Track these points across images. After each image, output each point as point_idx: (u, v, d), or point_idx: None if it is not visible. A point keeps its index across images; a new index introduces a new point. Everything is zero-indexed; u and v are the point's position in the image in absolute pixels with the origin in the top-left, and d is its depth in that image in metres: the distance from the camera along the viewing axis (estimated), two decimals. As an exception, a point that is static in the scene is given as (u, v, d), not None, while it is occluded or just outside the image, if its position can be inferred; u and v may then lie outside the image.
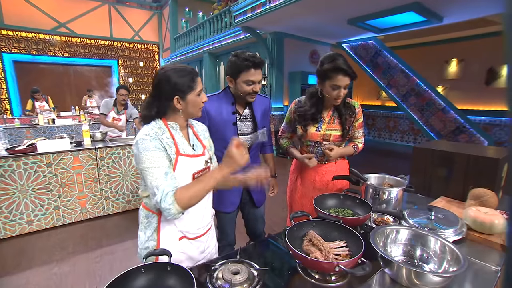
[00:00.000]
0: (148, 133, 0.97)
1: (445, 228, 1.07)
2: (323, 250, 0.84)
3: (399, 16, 4.52)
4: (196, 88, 1.02)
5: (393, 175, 1.48)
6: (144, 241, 1.06)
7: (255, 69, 1.36)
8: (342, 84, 1.39)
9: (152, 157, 0.93)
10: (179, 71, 1.00)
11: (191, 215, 1.08)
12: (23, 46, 9.09)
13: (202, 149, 1.13)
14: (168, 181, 0.93)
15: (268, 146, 1.79)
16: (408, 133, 7.45)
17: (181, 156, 1.01)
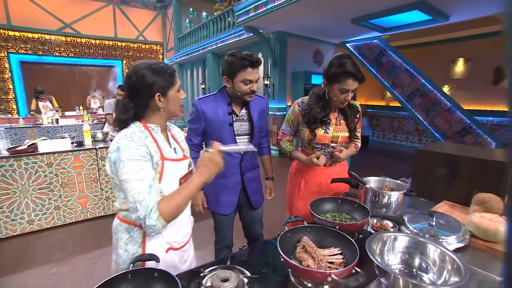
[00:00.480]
0: (132, 139, 0.89)
1: (447, 235, 1.03)
2: (316, 258, 0.81)
3: (403, 15, 4.44)
4: (176, 84, 0.97)
5: (396, 177, 1.44)
6: (128, 259, 0.97)
7: (252, 68, 1.35)
8: (351, 88, 1.37)
9: (136, 168, 0.86)
10: (157, 68, 0.93)
11: (178, 223, 1.04)
12: (30, 46, 9.20)
13: (182, 152, 1.08)
14: (152, 195, 0.86)
15: (265, 147, 1.76)
16: (413, 133, 7.34)
17: (166, 160, 0.95)
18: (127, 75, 0.94)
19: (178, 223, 1.04)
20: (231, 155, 1.50)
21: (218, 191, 1.56)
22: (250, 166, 1.58)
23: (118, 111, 0.97)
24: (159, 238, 0.99)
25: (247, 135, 1.53)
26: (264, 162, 1.77)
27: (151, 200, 0.85)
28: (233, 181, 1.54)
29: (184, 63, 11.08)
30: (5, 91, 9.10)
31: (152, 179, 0.89)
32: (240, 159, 1.52)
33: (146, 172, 0.87)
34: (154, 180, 0.90)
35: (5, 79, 9.04)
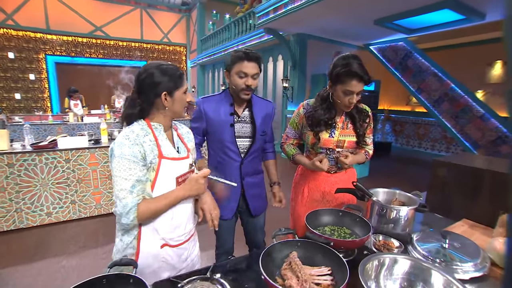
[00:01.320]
0: (128, 137, 0.93)
1: (462, 261, 0.90)
2: (300, 278, 0.73)
3: (432, 15, 4.16)
4: (184, 85, 1.01)
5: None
6: (122, 249, 1.00)
7: (248, 61, 1.32)
8: (356, 90, 1.26)
9: (124, 167, 0.90)
10: (167, 68, 0.98)
11: (174, 221, 1.03)
12: (64, 48, 9.83)
13: (187, 152, 1.09)
14: (133, 195, 0.90)
15: (270, 152, 1.68)
16: (440, 141, 6.87)
17: (164, 159, 0.97)
18: (138, 72, 0.99)
19: (176, 221, 1.04)
20: (231, 158, 1.45)
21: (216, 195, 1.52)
22: (251, 171, 1.51)
23: (126, 106, 1.02)
24: (154, 233, 1.00)
25: (248, 138, 1.47)
26: (268, 167, 1.67)
27: (131, 200, 0.90)
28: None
29: (206, 65, 11.28)
30: (41, 90, 9.77)
31: (136, 180, 0.92)
32: (240, 162, 1.45)
33: (132, 172, 0.91)
34: (140, 181, 0.93)
35: (42, 79, 9.72)
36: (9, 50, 9.13)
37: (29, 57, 9.42)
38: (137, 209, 0.90)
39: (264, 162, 1.68)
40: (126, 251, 1.01)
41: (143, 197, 0.94)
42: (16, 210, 2.82)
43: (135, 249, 1.00)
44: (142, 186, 0.94)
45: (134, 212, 0.90)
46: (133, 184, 0.91)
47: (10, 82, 9.32)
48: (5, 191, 2.75)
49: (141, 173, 0.93)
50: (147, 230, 1.00)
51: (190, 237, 1.14)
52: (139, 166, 0.93)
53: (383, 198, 1.28)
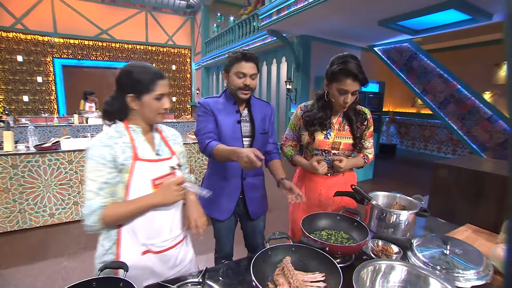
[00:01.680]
0: (100, 139, 0.93)
1: (464, 268, 0.86)
2: (292, 284, 0.70)
3: (437, 15, 4.10)
4: (155, 91, 0.95)
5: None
6: (102, 255, 0.98)
7: (246, 61, 1.32)
8: (350, 89, 1.24)
9: (92, 168, 0.90)
10: (141, 69, 0.95)
11: (156, 226, 0.99)
12: (71, 51, 9.99)
13: (170, 154, 1.06)
14: (99, 198, 0.89)
15: (275, 153, 1.62)
16: (446, 143, 6.76)
17: (139, 161, 0.95)
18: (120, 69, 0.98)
19: (157, 224, 1.00)
20: None
21: (216, 194, 1.49)
22: (252, 171, 1.47)
23: (105, 103, 1.01)
24: (134, 238, 0.96)
25: (248, 137, 1.45)
26: (275, 166, 1.50)
27: (97, 202, 0.88)
28: (233, 185, 1.47)
29: (210, 67, 11.32)
30: (48, 92, 9.94)
31: (103, 182, 0.90)
32: None
33: (100, 174, 0.90)
34: (107, 183, 0.91)
35: (49, 81, 9.88)
36: (18, 53, 9.31)
37: (37, 60, 9.59)
38: (102, 212, 0.88)
39: (270, 163, 1.56)
40: (106, 257, 0.98)
41: (112, 201, 0.92)
42: (19, 210, 2.85)
43: (114, 256, 0.97)
44: (110, 189, 0.92)
45: (98, 215, 0.87)
46: (100, 186, 0.89)
47: (18, 84, 9.50)
48: (9, 192, 2.78)
49: (109, 176, 0.91)
50: (126, 235, 0.96)
51: (178, 243, 1.09)
52: (107, 168, 0.91)
53: (383, 202, 1.25)
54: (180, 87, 12.32)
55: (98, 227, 0.89)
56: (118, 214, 0.90)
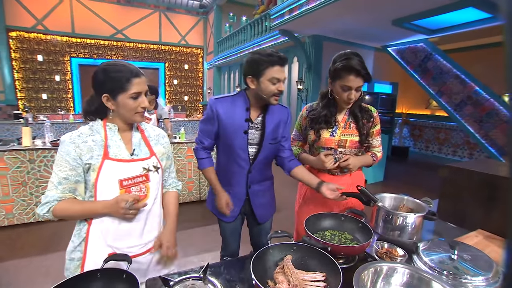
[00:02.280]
0: (71, 136, 0.94)
1: (472, 274, 0.84)
2: (291, 282, 0.70)
3: (455, 14, 3.97)
4: (129, 90, 0.92)
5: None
6: (71, 251, 0.98)
7: (281, 65, 1.23)
8: (354, 85, 1.23)
9: (58, 161, 0.93)
10: (115, 67, 0.92)
11: (124, 228, 0.97)
12: (87, 51, 10.30)
13: (149, 155, 1.04)
14: (57, 190, 0.91)
15: (293, 160, 1.46)
16: (462, 147, 6.53)
17: (108, 160, 0.94)
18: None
19: (125, 228, 0.97)
20: (239, 165, 1.37)
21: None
22: (258, 179, 1.44)
23: (85, 102, 1.01)
24: (101, 238, 0.96)
25: (256, 145, 1.37)
26: (302, 173, 1.39)
27: (53, 194, 0.91)
28: (237, 191, 1.43)
29: (222, 66, 11.41)
30: (65, 90, 10.28)
31: (63, 177, 0.91)
32: (248, 170, 1.39)
33: (61, 169, 0.92)
34: (67, 179, 0.92)
35: (67, 80, 10.23)
36: (39, 53, 9.68)
37: (55, 60, 9.94)
38: (54, 205, 0.90)
39: (294, 171, 1.42)
40: (74, 254, 0.98)
41: (71, 196, 0.93)
42: (35, 203, 2.96)
43: (82, 253, 0.96)
44: (70, 186, 0.92)
45: (50, 207, 0.90)
46: (59, 181, 0.91)
47: (38, 83, 9.88)
48: (26, 185, 2.89)
49: (70, 172, 0.91)
50: (94, 234, 0.95)
51: (148, 251, 1.04)
52: (69, 165, 0.91)
53: (390, 204, 1.23)
54: (192, 86, 12.46)
55: (48, 217, 0.93)
56: (68, 212, 0.92)
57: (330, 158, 1.27)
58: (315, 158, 1.35)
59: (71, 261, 0.97)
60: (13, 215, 2.90)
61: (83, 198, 0.96)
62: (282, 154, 1.45)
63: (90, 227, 0.95)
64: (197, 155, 1.44)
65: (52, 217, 0.92)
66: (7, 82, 9.18)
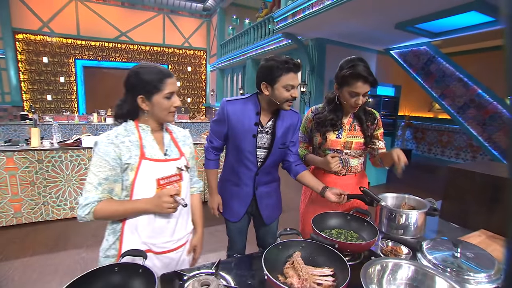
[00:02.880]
0: (108, 136, 0.96)
1: (475, 272, 0.86)
2: (301, 277, 0.74)
3: (457, 17, 4.00)
4: (164, 90, 0.96)
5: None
6: (106, 249, 1.00)
7: (295, 72, 1.25)
8: (361, 91, 1.27)
9: (95, 163, 0.93)
10: (148, 69, 0.95)
11: (157, 225, 1.00)
12: (92, 53, 10.43)
13: (179, 155, 1.07)
14: (97, 191, 0.92)
15: (300, 164, 1.49)
16: (465, 150, 6.54)
17: (145, 160, 0.97)
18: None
19: (158, 225, 1.00)
20: (247, 167, 1.41)
21: (229, 197, 1.53)
22: (265, 180, 1.48)
23: (116, 106, 1.03)
24: (136, 235, 0.98)
25: (265, 149, 1.41)
26: (307, 178, 1.43)
27: (93, 195, 0.92)
28: (245, 192, 1.47)
29: (225, 69, 11.49)
30: (70, 92, 10.40)
31: (104, 178, 0.93)
32: (255, 173, 1.42)
33: (101, 170, 0.93)
34: (107, 179, 0.94)
35: (71, 81, 10.35)
36: (44, 55, 9.82)
37: (60, 62, 10.07)
38: (95, 206, 0.91)
39: (300, 175, 1.45)
40: (109, 252, 1.00)
41: (108, 197, 0.95)
42: (43, 203, 3.02)
43: (117, 251, 0.99)
44: (109, 186, 0.94)
45: (91, 208, 0.91)
46: (99, 182, 0.92)
47: (43, 84, 10.00)
48: (35, 185, 2.95)
49: (110, 172, 0.93)
50: (129, 232, 0.98)
51: (180, 246, 1.08)
52: (109, 165, 0.93)
53: (392, 203, 1.26)
54: (195, 89, 12.55)
55: (88, 219, 0.93)
56: (107, 212, 0.93)
57: (336, 160, 1.30)
58: (322, 159, 1.38)
59: (106, 258, 1.00)
60: (21, 214, 2.95)
61: (119, 198, 0.97)
62: (289, 158, 1.47)
63: (125, 226, 0.98)
64: (206, 154, 1.51)
65: (92, 218, 0.93)
66: (13, 83, 9.30)
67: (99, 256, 1.04)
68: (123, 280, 0.83)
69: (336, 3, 3.95)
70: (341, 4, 3.88)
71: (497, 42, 5.64)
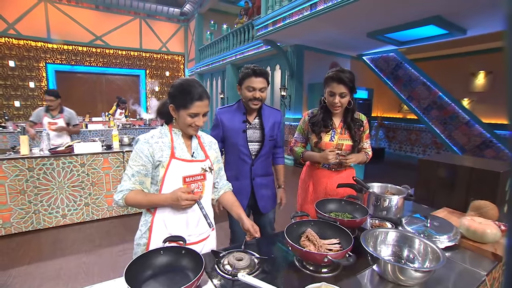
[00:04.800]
0: (145, 137, 1.13)
1: (439, 235, 1.14)
2: (317, 245, 0.96)
3: (419, 29, 4.53)
4: (189, 109, 1.09)
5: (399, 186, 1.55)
6: (139, 237, 1.16)
7: (256, 77, 1.53)
8: (337, 91, 1.55)
9: (133, 156, 1.10)
10: (186, 87, 1.09)
11: (182, 219, 1.13)
12: (64, 57, 10.00)
13: (204, 158, 1.21)
14: (130, 182, 1.09)
15: (279, 157, 1.88)
16: (431, 146, 7.23)
17: (175, 159, 1.11)
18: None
19: (182, 219, 1.13)
20: (243, 160, 1.66)
21: None
22: (261, 173, 1.72)
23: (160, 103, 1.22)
24: (163, 227, 1.12)
25: (258, 142, 1.68)
26: (277, 171, 1.88)
27: (127, 184, 1.09)
28: (244, 184, 1.70)
29: (204, 73, 11.56)
30: (40, 98, 9.86)
31: (137, 171, 1.10)
32: (251, 164, 1.67)
33: (136, 163, 1.10)
34: (139, 173, 1.10)
35: (42, 86, 9.83)
36: (10, 58, 9.25)
37: (29, 66, 9.55)
38: (127, 194, 1.07)
39: (274, 166, 1.89)
40: (140, 240, 1.15)
41: (141, 188, 1.10)
42: (34, 211, 2.98)
43: (147, 240, 1.12)
44: (141, 178, 1.10)
45: (124, 194, 1.07)
46: (133, 173, 1.09)
47: (10, 90, 9.42)
48: (25, 193, 2.91)
49: (142, 167, 1.09)
50: (157, 224, 1.12)
51: (202, 240, 1.20)
52: (142, 161, 1.09)
53: (377, 191, 1.53)
54: (174, 93, 12.46)
55: (121, 203, 1.08)
56: (136, 201, 1.08)
57: (333, 154, 1.55)
58: (321, 154, 1.62)
59: (138, 246, 1.15)
60: (10, 224, 2.89)
61: (148, 191, 1.13)
62: (273, 150, 1.80)
63: (154, 218, 1.12)
64: None
65: (123, 204, 1.08)
66: (-24, 88, 8.68)
67: (134, 246, 1.19)
68: (171, 260, 0.98)
69: (314, 14, 4.29)
70: (319, 14, 4.22)
71: (454, 50, 6.34)
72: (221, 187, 1.38)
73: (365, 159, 1.70)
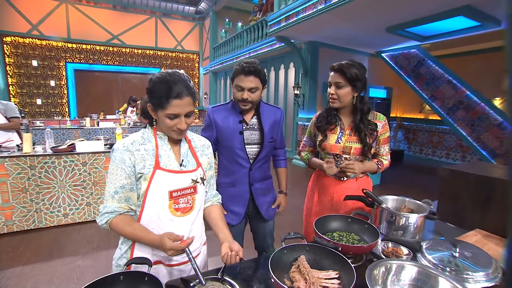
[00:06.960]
0: (124, 143, 0.94)
1: (473, 270, 0.89)
2: (308, 280, 0.75)
3: (446, 22, 4.13)
4: (166, 109, 0.89)
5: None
6: (118, 258, 1.00)
7: (245, 75, 1.31)
8: (332, 80, 1.40)
9: (112, 170, 0.92)
10: (164, 80, 0.89)
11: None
12: (83, 56, 10.29)
13: (195, 166, 1.03)
14: (114, 200, 0.91)
15: (281, 160, 1.69)
16: (455, 150, 6.70)
17: (160, 170, 0.93)
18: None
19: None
20: (240, 164, 1.46)
21: (227, 200, 1.54)
22: (260, 177, 1.53)
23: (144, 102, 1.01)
24: (146, 247, 0.97)
25: (257, 144, 1.48)
26: (279, 174, 1.69)
27: (110, 205, 0.91)
28: (241, 190, 1.50)
29: (218, 72, 11.49)
30: (60, 95, 10.22)
31: (120, 186, 0.91)
32: (249, 168, 1.48)
33: (117, 178, 0.92)
34: (123, 188, 0.92)
35: (62, 85, 10.18)
36: (33, 58, 9.64)
37: (50, 65, 9.90)
38: (112, 218, 0.90)
39: (275, 169, 1.70)
40: (120, 261, 0.99)
41: (127, 207, 0.93)
42: (36, 210, 2.95)
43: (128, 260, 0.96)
44: (126, 195, 0.92)
45: (108, 219, 0.90)
46: (115, 190, 0.91)
47: (32, 88, 9.81)
48: (27, 192, 2.88)
49: (125, 181, 0.91)
50: (140, 244, 0.96)
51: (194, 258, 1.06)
52: (125, 173, 0.91)
53: (392, 206, 1.29)
54: (188, 92, 12.51)
55: (106, 228, 0.93)
56: (120, 230, 0.92)
57: (330, 165, 1.34)
58: (321, 163, 1.42)
59: (118, 267, 0.99)
60: (12, 222, 2.88)
61: (136, 207, 0.96)
62: (274, 152, 1.63)
63: None
64: None
65: (108, 229, 0.93)
66: (1, 87, 9.09)
67: (112, 264, 1.03)
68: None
69: (329, 7, 4.02)
70: (334, 8, 3.95)
71: (484, 45, 5.82)
72: (208, 198, 1.19)
73: (375, 168, 1.45)
